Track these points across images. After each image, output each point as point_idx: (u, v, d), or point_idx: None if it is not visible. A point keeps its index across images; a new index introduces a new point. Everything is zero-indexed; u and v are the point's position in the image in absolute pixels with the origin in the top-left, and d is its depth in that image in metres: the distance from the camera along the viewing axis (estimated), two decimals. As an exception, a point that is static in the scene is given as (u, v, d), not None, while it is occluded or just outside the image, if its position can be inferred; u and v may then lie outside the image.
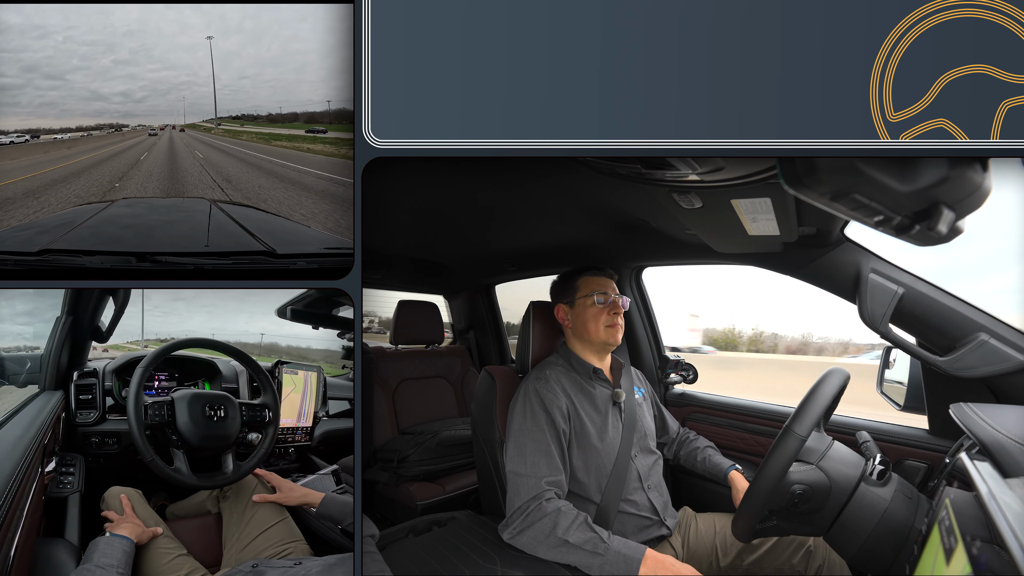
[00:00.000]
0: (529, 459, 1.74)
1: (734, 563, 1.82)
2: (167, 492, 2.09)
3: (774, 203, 1.64)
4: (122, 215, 1.58)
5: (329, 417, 2.54)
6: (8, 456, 1.44)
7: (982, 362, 1.64)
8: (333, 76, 1.52)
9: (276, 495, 1.90)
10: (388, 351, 3.04)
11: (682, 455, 2.17)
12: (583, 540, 1.60)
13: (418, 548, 1.78)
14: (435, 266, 3.08)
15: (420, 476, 2.62)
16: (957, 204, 1.35)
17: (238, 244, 1.54)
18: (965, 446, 1.41)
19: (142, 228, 1.54)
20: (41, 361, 2.01)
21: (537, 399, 1.81)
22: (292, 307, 2.27)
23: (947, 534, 1.04)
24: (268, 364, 2.35)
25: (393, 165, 1.44)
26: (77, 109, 1.53)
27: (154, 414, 1.82)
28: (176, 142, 1.62)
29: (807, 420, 1.43)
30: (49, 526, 1.69)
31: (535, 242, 2.65)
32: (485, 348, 3.45)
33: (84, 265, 1.47)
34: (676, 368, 2.72)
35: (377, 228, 1.78)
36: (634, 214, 2.12)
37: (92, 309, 2.07)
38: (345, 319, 2.32)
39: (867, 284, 1.75)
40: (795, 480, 1.45)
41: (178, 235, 1.54)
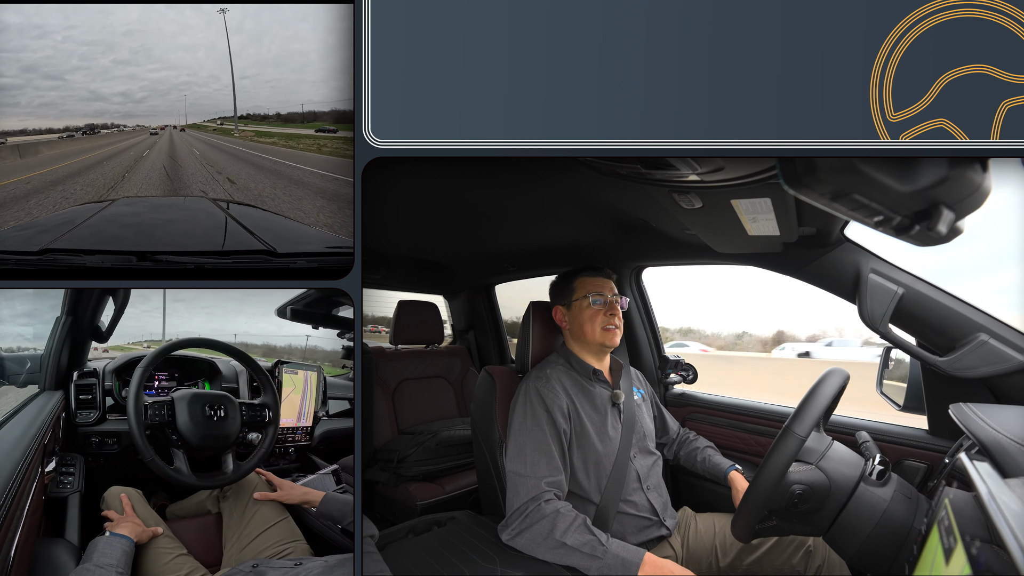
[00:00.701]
0: (529, 459, 1.74)
1: (734, 563, 1.82)
2: (167, 492, 2.09)
3: (774, 203, 1.64)
4: (122, 214, 1.58)
5: (329, 417, 2.54)
6: (8, 456, 1.44)
7: (982, 362, 1.64)
8: (333, 76, 1.52)
9: (277, 493, 1.90)
10: (388, 351, 3.04)
11: (682, 455, 2.17)
12: (581, 543, 1.60)
13: (418, 548, 1.78)
14: (435, 266, 3.08)
15: (420, 476, 2.62)
16: (957, 204, 1.35)
17: (238, 243, 1.54)
18: (965, 446, 1.41)
19: (142, 227, 1.54)
20: (41, 361, 2.01)
21: (538, 398, 1.81)
22: (292, 307, 2.27)
23: (946, 534, 1.04)
24: (268, 364, 2.35)
25: (393, 165, 1.44)
26: (77, 109, 1.53)
27: (154, 414, 1.82)
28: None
29: (806, 420, 1.43)
30: (49, 526, 1.69)
31: (535, 242, 2.65)
32: (485, 348, 3.45)
33: (84, 264, 1.47)
34: (676, 368, 2.72)
35: (377, 228, 1.78)
36: (634, 214, 2.12)
37: (92, 309, 2.07)
38: (345, 319, 2.32)
39: (867, 284, 1.75)
40: (795, 480, 1.45)
41: (178, 234, 1.54)
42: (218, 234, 1.55)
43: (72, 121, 1.53)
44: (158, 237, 1.53)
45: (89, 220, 1.56)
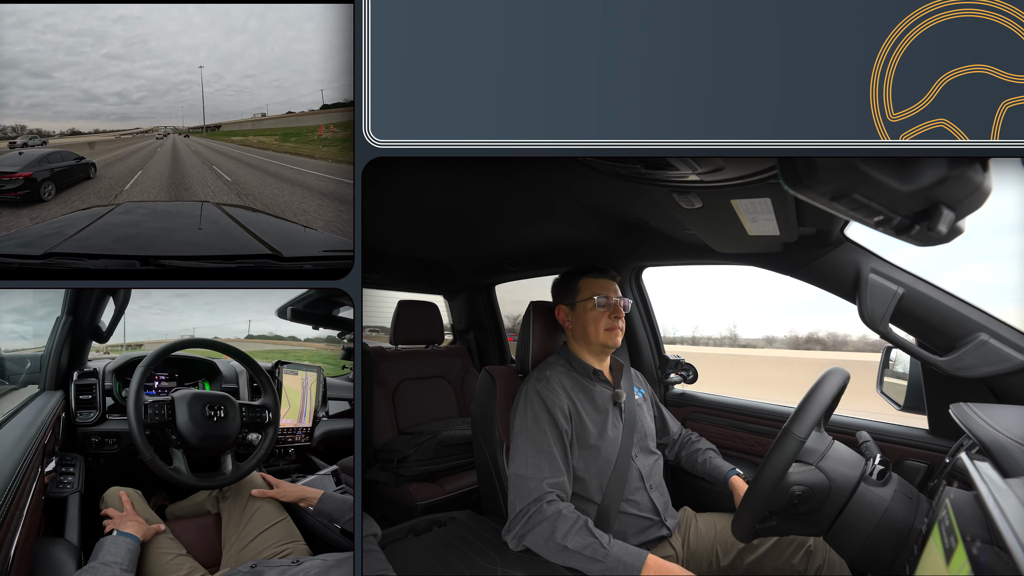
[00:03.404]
0: (531, 461, 1.73)
1: (734, 563, 1.82)
2: (167, 492, 2.09)
3: (774, 203, 1.64)
4: (124, 219, 1.58)
5: (329, 417, 2.54)
6: (8, 456, 1.44)
7: (982, 362, 1.64)
8: (334, 77, 1.52)
9: (273, 491, 1.90)
10: (388, 351, 3.04)
11: (683, 457, 2.17)
12: (582, 546, 1.60)
13: (418, 548, 1.78)
14: (435, 266, 3.08)
15: (420, 476, 2.62)
16: (957, 204, 1.35)
17: (242, 247, 1.54)
18: (965, 446, 1.41)
19: (145, 232, 1.54)
20: (41, 361, 2.01)
21: (539, 400, 1.81)
22: (292, 307, 2.27)
23: (947, 534, 1.04)
24: (268, 364, 2.35)
25: (393, 165, 1.44)
26: (71, 111, 1.51)
27: (154, 414, 1.82)
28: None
29: (806, 421, 1.43)
30: (49, 526, 1.69)
31: (535, 242, 2.65)
32: (485, 348, 3.45)
33: (87, 267, 1.47)
34: (676, 368, 2.72)
35: (377, 228, 1.78)
36: (634, 214, 2.12)
37: (92, 309, 2.07)
38: (345, 319, 2.32)
39: (867, 284, 1.75)
40: (795, 481, 1.45)
41: (181, 239, 1.53)
42: (221, 239, 1.55)
43: (67, 124, 1.51)
44: (161, 241, 1.52)
45: (92, 225, 1.55)
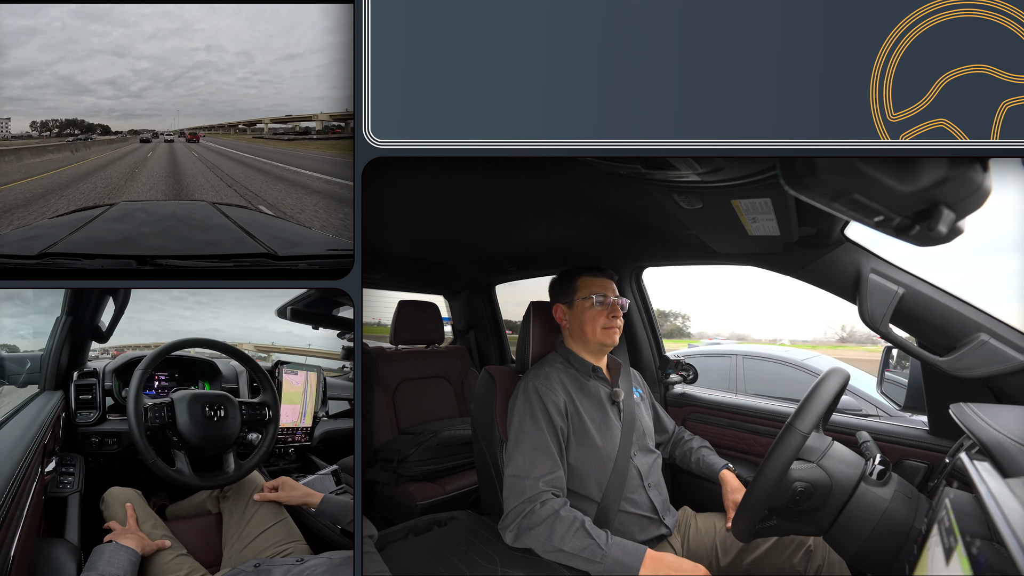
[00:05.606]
0: (527, 457, 1.74)
1: (734, 563, 1.82)
2: (167, 492, 2.09)
3: (774, 203, 1.64)
4: (122, 218, 1.58)
5: (329, 417, 2.54)
6: (8, 456, 1.44)
7: (982, 362, 1.64)
8: (334, 77, 1.52)
9: (277, 494, 1.90)
10: (388, 351, 3.04)
11: (677, 455, 2.17)
12: (580, 548, 1.60)
13: (418, 548, 1.78)
14: (435, 266, 3.08)
15: (420, 476, 2.62)
16: (957, 204, 1.35)
17: (239, 247, 1.54)
18: (965, 446, 1.41)
19: (141, 233, 1.54)
20: (41, 361, 2.01)
21: (536, 396, 1.81)
22: (292, 307, 2.27)
23: (947, 534, 1.04)
24: (268, 364, 2.35)
25: (393, 165, 1.44)
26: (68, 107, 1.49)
27: (154, 415, 1.82)
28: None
29: (809, 416, 1.43)
30: (49, 526, 1.69)
31: (535, 242, 2.65)
32: (485, 348, 3.45)
33: (84, 268, 1.47)
34: (676, 368, 2.72)
35: (377, 228, 1.78)
36: (634, 214, 2.12)
37: (92, 309, 2.07)
38: (345, 319, 2.32)
39: (867, 284, 1.75)
40: (796, 478, 1.45)
41: (179, 238, 1.53)
42: (219, 238, 1.55)
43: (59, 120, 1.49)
44: (159, 240, 1.52)
45: (89, 225, 1.55)
